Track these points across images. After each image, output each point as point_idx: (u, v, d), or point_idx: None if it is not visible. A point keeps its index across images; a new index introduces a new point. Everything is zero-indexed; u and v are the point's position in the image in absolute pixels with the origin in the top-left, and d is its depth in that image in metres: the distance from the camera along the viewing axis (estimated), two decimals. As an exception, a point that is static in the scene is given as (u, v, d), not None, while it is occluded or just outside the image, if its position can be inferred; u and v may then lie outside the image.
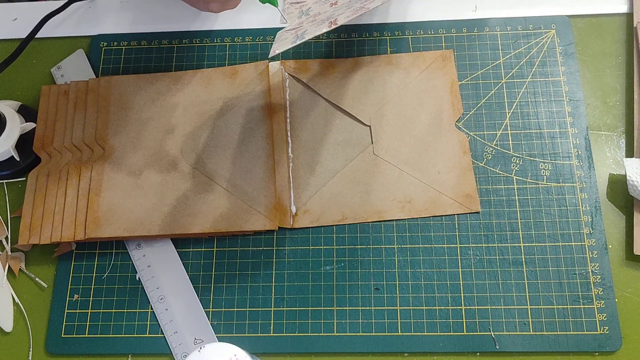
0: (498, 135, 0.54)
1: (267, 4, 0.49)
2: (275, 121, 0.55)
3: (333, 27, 0.46)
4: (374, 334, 0.49)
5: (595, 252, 0.50)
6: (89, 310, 0.51)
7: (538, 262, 0.50)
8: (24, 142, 0.55)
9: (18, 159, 0.55)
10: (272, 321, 0.50)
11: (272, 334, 0.49)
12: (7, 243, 0.54)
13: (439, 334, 0.48)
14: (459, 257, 0.51)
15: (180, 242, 0.53)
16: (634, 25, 0.57)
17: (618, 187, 0.52)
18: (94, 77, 0.59)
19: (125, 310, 0.51)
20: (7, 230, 0.54)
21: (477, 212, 0.52)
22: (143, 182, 0.53)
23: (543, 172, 0.53)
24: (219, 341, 0.49)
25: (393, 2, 0.60)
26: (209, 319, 0.50)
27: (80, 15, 0.62)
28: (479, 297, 0.49)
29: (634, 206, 0.51)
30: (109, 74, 0.59)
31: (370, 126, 0.54)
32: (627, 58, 0.57)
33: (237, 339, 0.49)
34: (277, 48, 0.46)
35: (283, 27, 0.51)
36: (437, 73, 0.56)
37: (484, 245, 0.51)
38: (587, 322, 0.48)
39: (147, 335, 0.50)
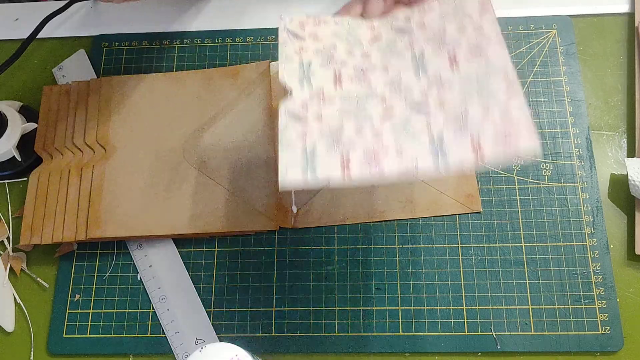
0: (499, 135, 0.54)
1: None
2: (276, 121, 0.55)
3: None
4: (375, 333, 0.49)
5: (597, 252, 0.50)
6: (91, 311, 0.51)
7: (539, 262, 0.50)
8: (26, 142, 0.55)
9: (19, 159, 0.55)
10: (273, 321, 0.50)
11: (273, 334, 0.49)
12: (9, 243, 0.54)
13: (440, 334, 0.48)
14: (460, 257, 0.51)
15: (182, 242, 0.53)
16: (636, 25, 0.57)
17: (619, 187, 0.52)
18: (96, 77, 0.59)
19: (126, 311, 0.51)
20: (9, 230, 0.54)
21: (479, 212, 0.52)
22: (144, 183, 0.53)
23: (544, 172, 0.53)
24: (220, 341, 0.49)
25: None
26: (210, 319, 0.50)
27: (82, 16, 0.62)
28: (481, 297, 0.49)
29: (636, 206, 0.51)
30: (110, 74, 0.59)
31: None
32: (628, 58, 0.57)
33: (238, 339, 0.49)
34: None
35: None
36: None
37: (485, 245, 0.51)
38: (588, 322, 0.48)
39: (149, 335, 0.50)
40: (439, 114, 0.39)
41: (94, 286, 0.52)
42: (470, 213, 0.52)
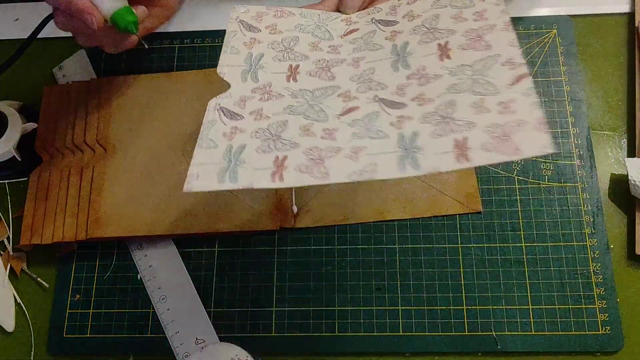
0: (499, 135, 0.54)
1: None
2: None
3: None
4: (375, 334, 0.49)
5: (597, 252, 0.50)
6: (91, 311, 0.51)
7: (540, 262, 0.50)
8: (26, 142, 0.55)
9: (19, 159, 0.55)
10: (273, 321, 0.50)
11: (273, 334, 0.49)
12: (9, 243, 0.54)
13: (440, 334, 0.48)
14: (460, 257, 0.51)
15: (182, 242, 0.53)
16: (636, 25, 0.57)
17: (620, 187, 0.52)
18: (96, 77, 0.59)
19: (126, 311, 0.51)
20: (9, 230, 0.54)
21: (479, 212, 0.52)
22: (144, 182, 0.53)
23: (545, 172, 0.53)
24: (220, 341, 0.49)
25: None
26: (210, 319, 0.50)
27: (82, 16, 0.62)
28: (481, 297, 0.49)
29: (636, 206, 0.51)
30: (110, 74, 0.59)
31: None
32: (628, 58, 0.57)
33: (238, 339, 0.49)
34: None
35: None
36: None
37: (485, 245, 0.51)
38: (588, 322, 0.48)
39: (149, 335, 0.50)
40: (416, 109, 0.32)
41: (94, 286, 0.52)
42: (471, 213, 0.52)
